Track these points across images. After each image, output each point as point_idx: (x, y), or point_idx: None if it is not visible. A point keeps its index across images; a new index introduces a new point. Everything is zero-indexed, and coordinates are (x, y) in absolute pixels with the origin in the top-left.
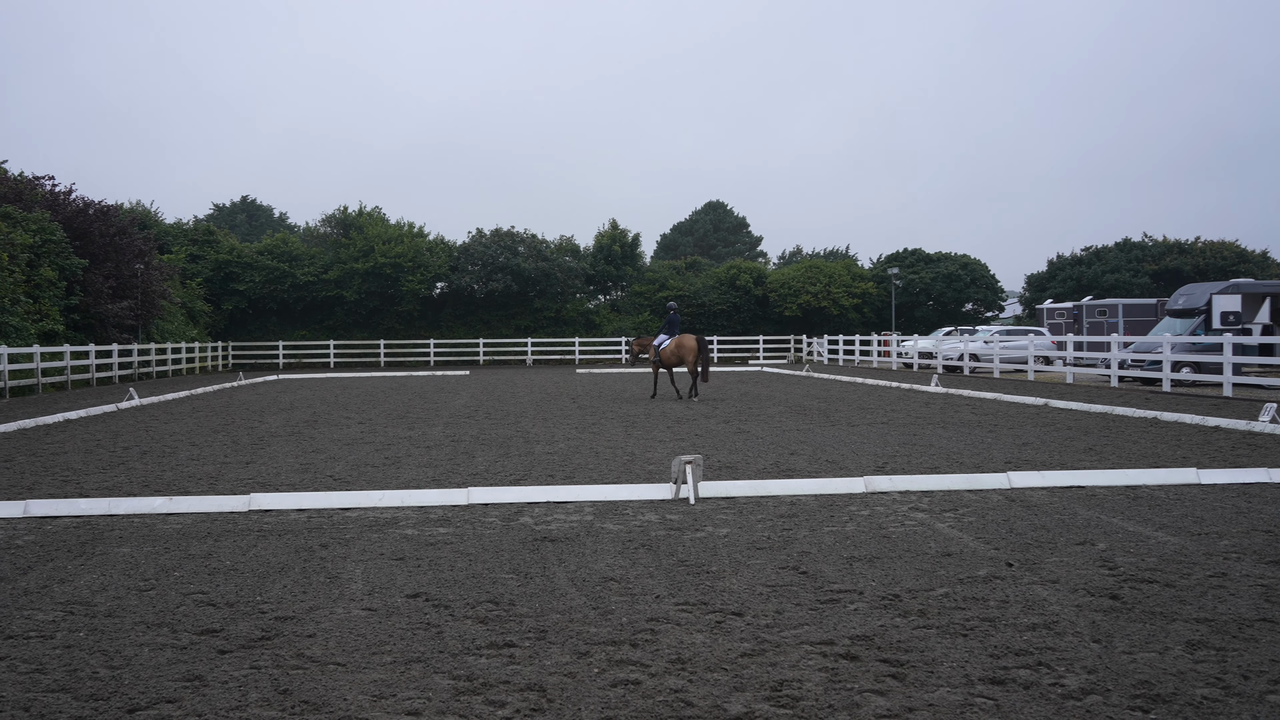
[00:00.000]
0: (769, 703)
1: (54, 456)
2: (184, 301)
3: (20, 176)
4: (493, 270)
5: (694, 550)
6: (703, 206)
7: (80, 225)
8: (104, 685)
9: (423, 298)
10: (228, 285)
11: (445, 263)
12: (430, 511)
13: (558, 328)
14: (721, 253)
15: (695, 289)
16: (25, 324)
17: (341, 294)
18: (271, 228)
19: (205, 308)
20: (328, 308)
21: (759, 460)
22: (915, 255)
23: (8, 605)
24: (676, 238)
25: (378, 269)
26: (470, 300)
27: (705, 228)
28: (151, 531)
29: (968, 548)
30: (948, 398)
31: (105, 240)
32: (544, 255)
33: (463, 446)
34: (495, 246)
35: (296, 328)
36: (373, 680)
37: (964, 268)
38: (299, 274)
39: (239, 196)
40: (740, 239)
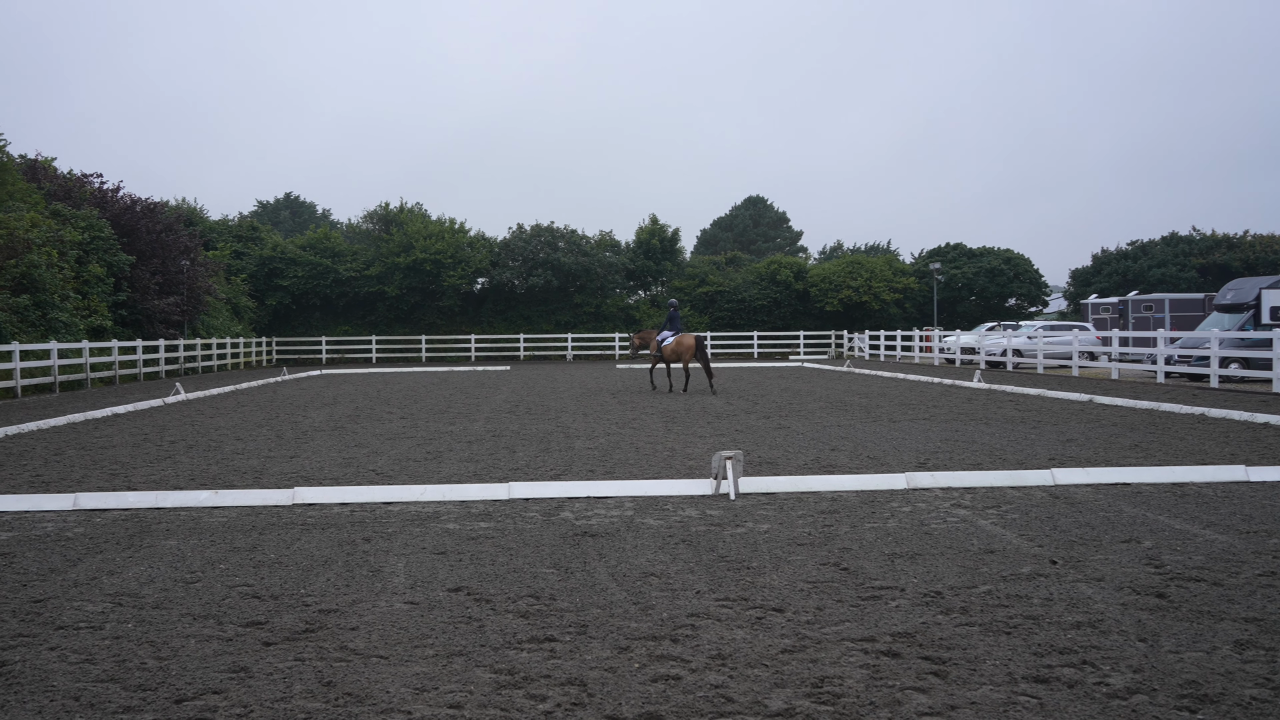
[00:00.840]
0: (810, 699)
1: (103, 450)
2: (228, 297)
3: (69, 174)
4: (533, 266)
5: (734, 546)
6: (742, 201)
7: (128, 222)
8: (152, 676)
9: (464, 293)
10: (271, 281)
11: (486, 258)
12: (471, 506)
13: (598, 323)
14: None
15: (735, 284)
16: (74, 320)
17: (383, 289)
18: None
19: (249, 303)
20: (370, 303)
21: (800, 456)
22: (957, 250)
23: (58, 596)
24: (716, 233)
25: (418, 264)
26: (511, 296)
27: (745, 223)
28: (198, 524)
29: (1011, 545)
30: (990, 394)
31: (152, 237)
32: (584, 250)
33: (503, 441)
34: (535, 242)
35: (339, 323)
36: (415, 673)
37: (1007, 262)
38: (341, 269)
39: (283, 193)
40: (780, 234)
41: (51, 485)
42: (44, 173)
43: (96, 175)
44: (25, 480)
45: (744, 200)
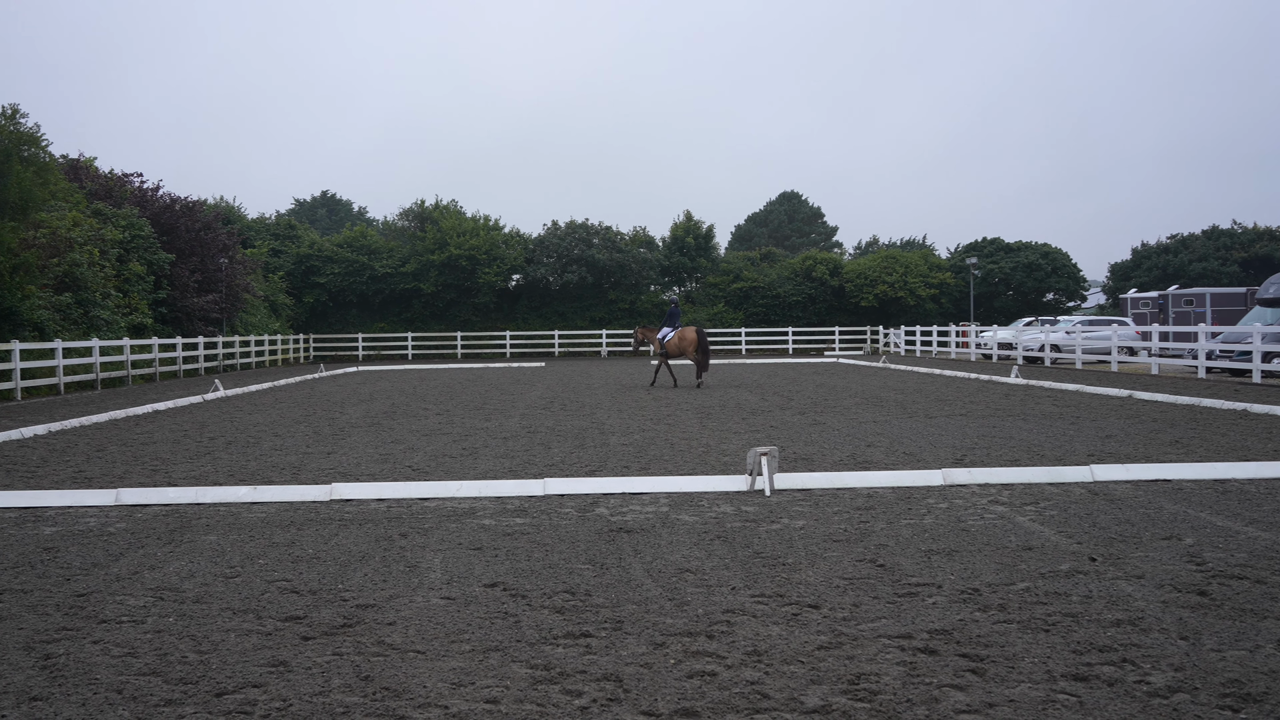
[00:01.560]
0: (846, 696)
1: (143, 446)
2: (266, 295)
3: (110, 174)
4: (567, 262)
5: (770, 542)
6: (777, 197)
7: (167, 221)
8: (193, 669)
9: (499, 290)
10: (308, 278)
11: (521, 255)
12: (507, 502)
13: (632, 319)
14: (796, 243)
15: (770, 280)
16: (115, 317)
17: (419, 286)
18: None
19: (287, 301)
20: (405, 300)
21: (835, 452)
22: (994, 245)
23: (101, 591)
24: (751, 228)
25: (453, 261)
26: (545, 292)
27: (780, 218)
28: (237, 520)
29: (1049, 542)
30: (1028, 389)
31: (191, 235)
32: (618, 247)
33: (539, 438)
34: (570, 239)
35: (375, 320)
36: (451, 668)
37: (1045, 257)
38: (377, 267)
39: (320, 191)
40: (815, 229)
41: (94, 481)
42: (85, 172)
43: (137, 175)
44: (68, 476)
45: (779, 196)
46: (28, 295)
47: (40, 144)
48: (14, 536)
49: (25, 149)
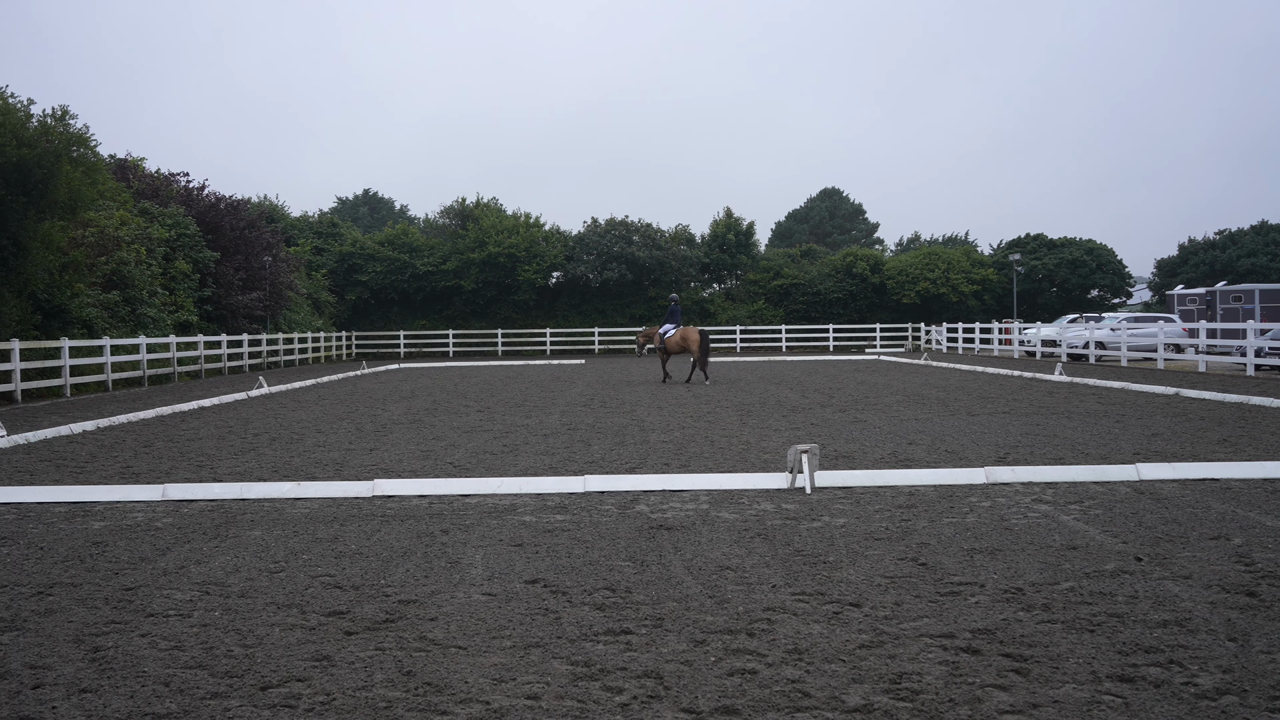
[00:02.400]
0: (888, 695)
1: (189, 442)
2: (309, 292)
3: (157, 173)
4: (607, 259)
5: (810, 540)
6: (818, 194)
7: (212, 219)
8: (238, 663)
9: (539, 287)
10: (351, 276)
11: (561, 252)
12: (548, 499)
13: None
14: (837, 240)
15: (810, 277)
16: (162, 315)
17: (460, 284)
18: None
19: (329, 298)
20: (446, 297)
21: (876, 450)
22: (1038, 240)
23: (148, 585)
24: (791, 225)
25: (493, 259)
26: (585, 289)
27: (820, 215)
28: (281, 516)
29: (1094, 541)
30: (1072, 387)
31: (235, 234)
32: (658, 244)
33: (579, 434)
34: (610, 236)
35: (416, 317)
36: (493, 664)
37: (1089, 253)
38: (419, 264)
39: (362, 189)
40: (856, 226)
41: (141, 476)
42: (133, 172)
43: (183, 174)
44: (116, 471)
45: (819, 192)
46: (77, 293)
47: (89, 144)
48: (64, 531)
49: (75, 149)
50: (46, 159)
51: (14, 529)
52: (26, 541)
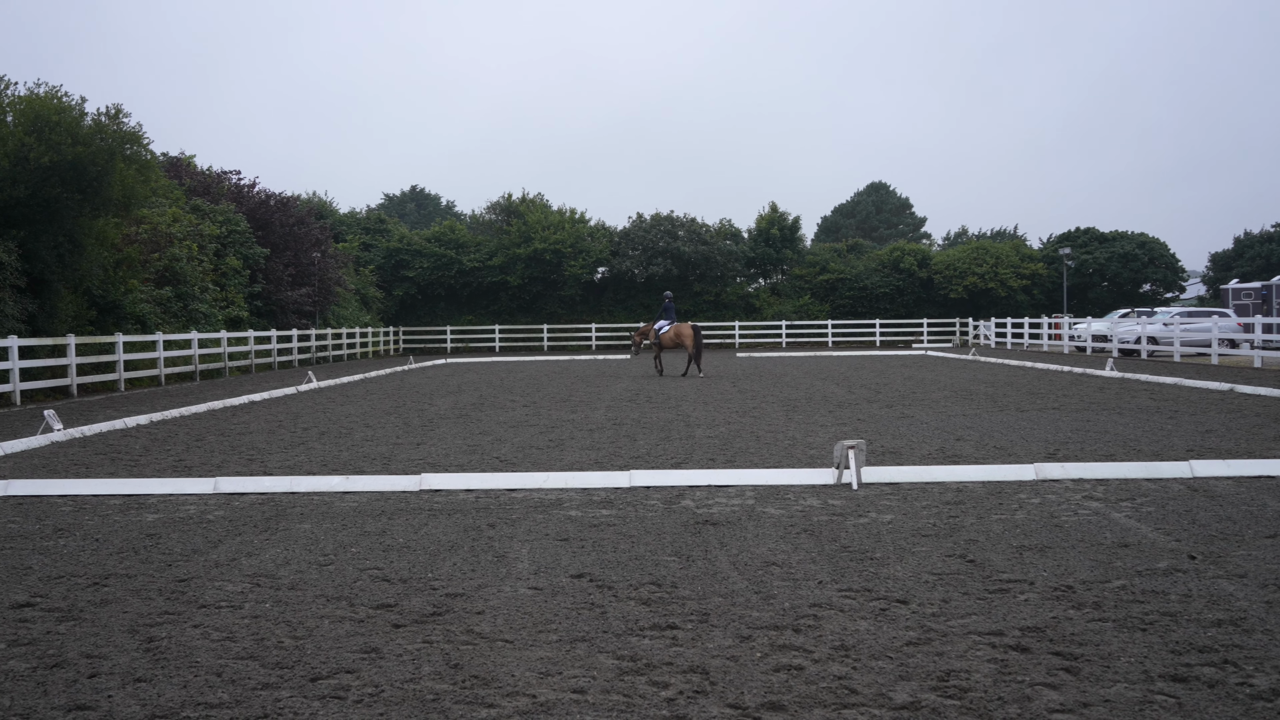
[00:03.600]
0: (936, 693)
1: (240, 436)
2: (357, 288)
3: (208, 170)
4: (653, 255)
5: (857, 536)
6: (864, 188)
7: (262, 216)
8: (288, 654)
9: (584, 282)
10: (398, 272)
11: (606, 248)
12: (593, 493)
13: (717, 311)
14: (884, 235)
15: (857, 272)
16: (213, 310)
17: (506, 279)
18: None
19: (377, 294)
20: (493, 293)
21: (923, 446)
22: (1088, 234)
23: (200, 577)
24: (837, 220)
25: (539, 255)
26: (631, 285)
27: (867, 209)
28: (330, 509)
29: (1146, 539)
30: (1124, 382)
31: (285, 230)
32: (703, 239)
33: (624, 429)
34: (655, 231)
35: (463, 313)
36: (539, 658)
37: (1141, 247)
38: (465, 260)
39: (409, 186)
40: (903, 220)
41: (193, 470)
42: (185, 169)
43: (234, 172)
44: (169, 465)
45: (866, 186)
46: (130, 289)
47: (142, 142)
48: (119, 523)
49: (128, 147)
50: (101, 157)
51: (71, 521)
52: (83, 533)
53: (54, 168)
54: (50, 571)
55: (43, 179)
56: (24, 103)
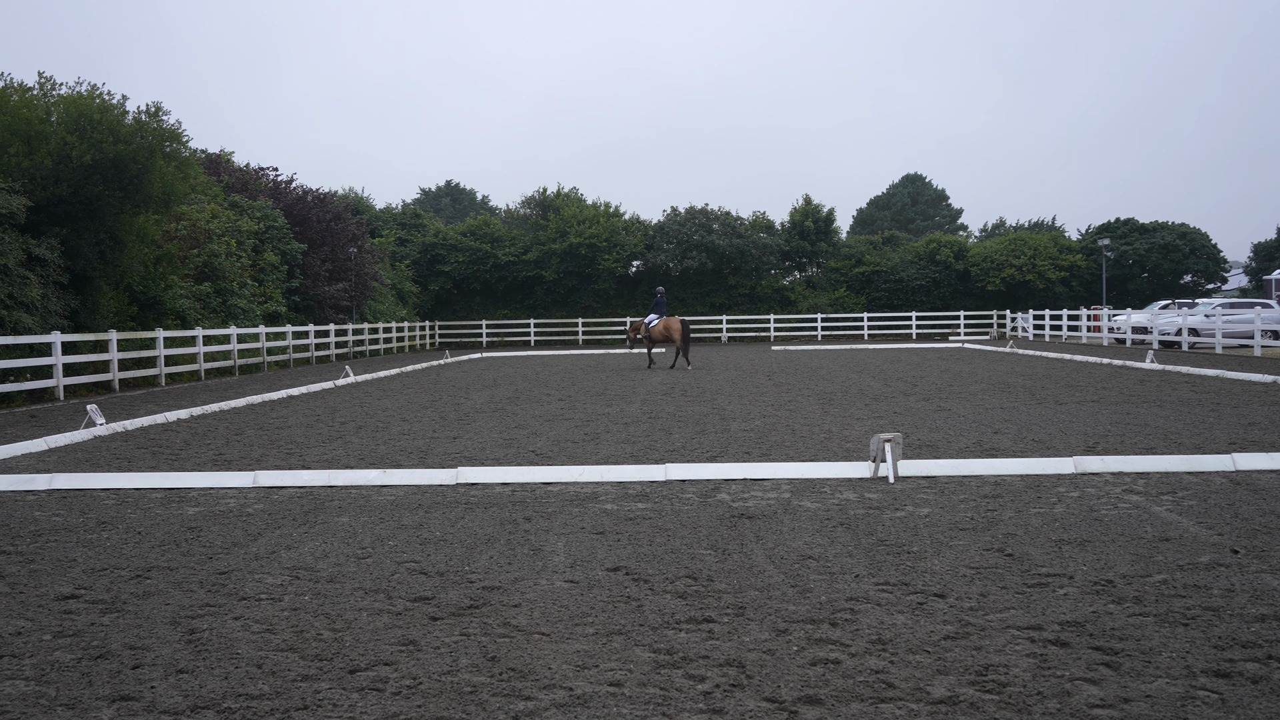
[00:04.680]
0: (974, 687)
1: (279, 430)
2: (393, 283)
3: (246, 167)
4: (687, 248)
5: (894, 530)
6: (900, 179)
7: (299, 212)
8: (327, 646)
9: (619, 276)
10: (434, 267)
11: (641, 242)
12: (629, 487)
13: (752, 305)
14: (920, 226)
15: (892, 264)
16: (251, 306)
17: (541, 274)
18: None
19: (413, 289)
20: (528, 287)
21: (961, 439)
22: (1128, 225)
23: (240, 569)
24: (873, 212)
25: (574, 249)
26: (665, 278)
27: (902, 201)
28: (367, 502)
29: (1188, 533)
30: (1164, 375)
31: (322, 225)
32: (738, 232)
33: (660, 423)
34: (690, 224)
35: (498, 307)
36: (576, 651)
37: (1182, 237)
38: (500, 255)
39: (444, 180)
40: (939, 212)
41: (233, 464)
42: (223, 166)
43: (272, 168)
44: (209, 459)
45: (901, 178)
46: (170, 285)
47: (181, 140)
48: (160, 516)
49: (168, 145)
50: (141, 154)
51: (113, 514)
52: (125, 526)
53: (96, 166)
54: (94, 564)
55: (85, 177)
56: (67, 102)
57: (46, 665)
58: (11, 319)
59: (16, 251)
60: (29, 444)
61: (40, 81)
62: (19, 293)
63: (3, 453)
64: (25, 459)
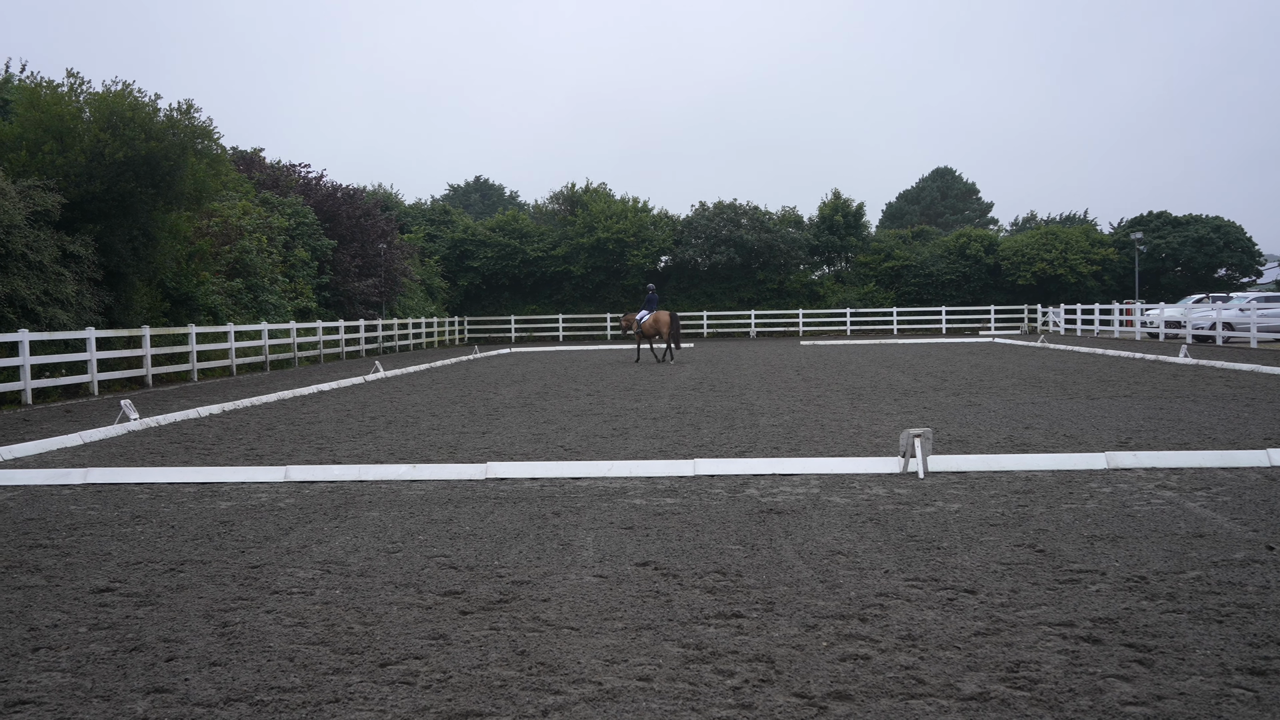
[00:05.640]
0: (1005, 684)
1: (310, 425)
2: (423, 278)
3: (277, 164)
4: (715, 243)
5: (923, 525)
6: (929, 173)
7: (330, 208)
8: (358, 640)
9: (647, 271)
10: (462, 262)
11: (669, 236)
12: (657, 482)
13: (781, 299)
14: (949, 220)
15: (922, 258)
16: (282, 301)
17: (569, 269)
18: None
19: (442, 284)
20: (556, 282)
21: (991, 434)
22: (1161, 218)
23: (272, 563)
24: (902, 206)
25: (602, 244)
26: (694, 273)
27: (932, 195)
28: (397, 497)
29: (1222, 529)
30: (1198, 369)
31: (352, 222)
32: (766, 227)
33: (688, 418)
34: (718, 219)
35: (527, 302)
36: (605, 645)
37: (1216, 231)
38: (529, 250)
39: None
40: (969, 206)
41: (265, 459)
42: (254, 163)
43: (303, 165)
44: (241, 454)
45: (931, 172)
46: (202, 281)
47: (213, 137)
48: (193, 510)
49: (199, 142)
50: (173, 152)
51: (147, 508)
52: (159, 520)
53: (128, 163)
54: (129, 557)
55: (118, 174)
56: (99, 99)
57: (82, 657)
58: (47, 315)
59: (51, 248)
60: (64, 439)
61: (70, 79)
62: (54, 289)
63: (39, 447)
64: (61, 453)
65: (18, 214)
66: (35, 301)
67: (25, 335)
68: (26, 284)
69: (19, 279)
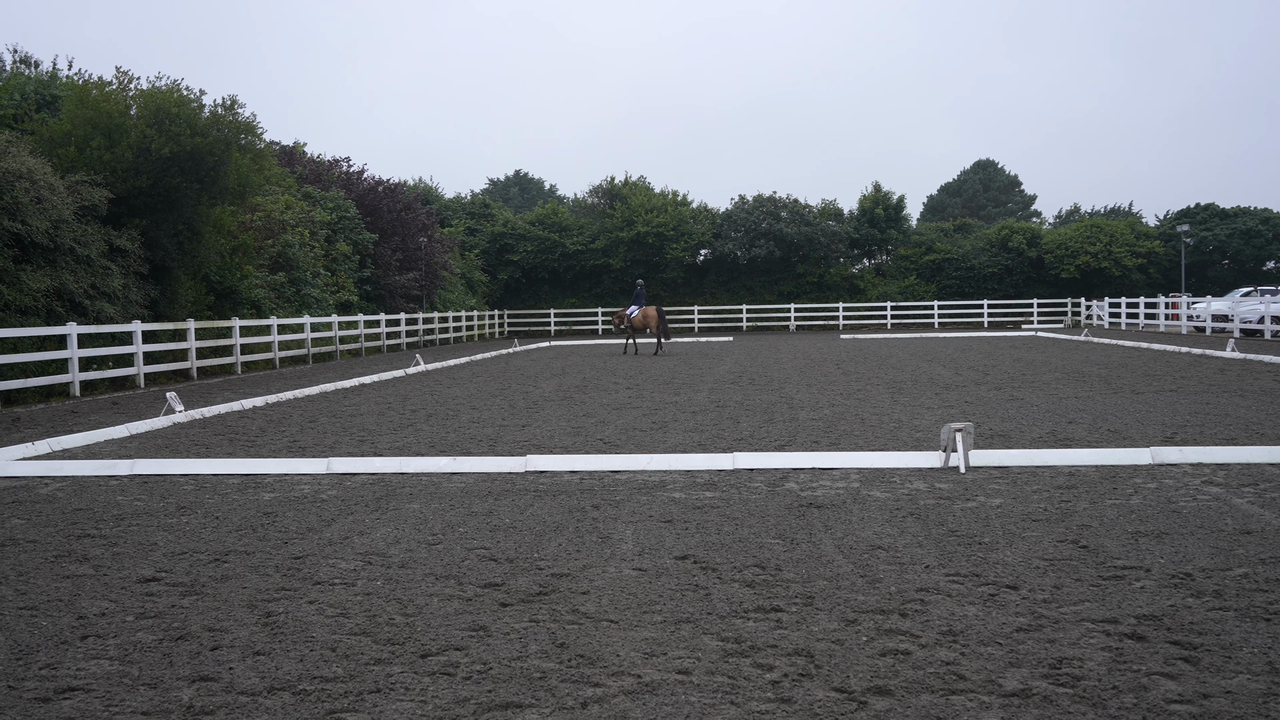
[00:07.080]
0: (1047, 680)
1: (351, 418)
2: (463, 272)
3: (319, 158)
4: (755, 236)
5: (965, 520)
6: (971, 166)
7: (371, 202)
8: (399, 631)
9: (686, 265)
10: (503, 256)
11: (708, 230)
12: (697, 475)
13: (821, 293)
14: (991, 213)
15: (964, 251)
16: (324, 295)
17: (608, 262)
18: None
19: (482, 278)
20: (595, 276)
21: (1034, 429)
22: (1208, 211)
23: (315, 555)
24: (943, 199)
25: (641, 238)
26: (733, 267)
27: (974, 187)
28: (438, 489)
29: (1270, 525)
30: (1246, 364)
31: (393, 216)
32: (806, 220)
33: (727, 412)
34: (758, 213)
35: (566, 295)
36: (644, 638)
37: (1265, 223)
38: (568, 244)
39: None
40: (1012, 198)
41: (307, 451)
42: (296, 157)
43: (345, 159)
44: (284, 445)
45: (973, 164)
46: (246, 275)
47: (256, 132)
48: (237, 501)
49: (243, 137)
50: (218, 147)
51: (192, 499)
52: (204, 511)
53: (174, 158)
54: (174, 548)
55: (163, 169)
56: (145, 96)
57: (129, 645)
58: (94, 309)
59: (99, 243)
60: (112, 430)
61: (118, 76)
62: (101, 283)
63: (87, 439)
64: (108, 445)
65: (66, 209)
66: (83, 295)
67: (74, 329)
68: (75, 278)
69: (67, 273)
